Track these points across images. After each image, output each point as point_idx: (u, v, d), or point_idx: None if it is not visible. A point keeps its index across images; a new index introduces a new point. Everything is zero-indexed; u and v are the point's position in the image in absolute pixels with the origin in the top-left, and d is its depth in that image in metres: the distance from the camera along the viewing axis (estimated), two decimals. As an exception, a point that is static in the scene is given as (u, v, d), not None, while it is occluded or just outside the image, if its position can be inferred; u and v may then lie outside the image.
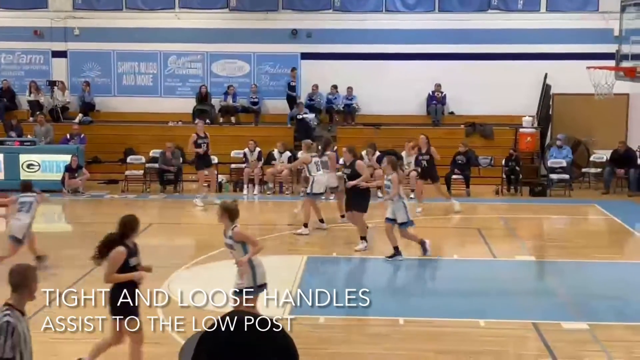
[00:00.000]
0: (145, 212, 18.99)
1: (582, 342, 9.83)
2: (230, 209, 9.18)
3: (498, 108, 22.26)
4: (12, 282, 5.98)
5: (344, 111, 22.97)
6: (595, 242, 15.47)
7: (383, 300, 11.55)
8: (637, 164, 20.61)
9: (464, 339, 9.81)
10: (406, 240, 13.72)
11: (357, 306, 8.99)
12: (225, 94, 23.28)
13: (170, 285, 11.86)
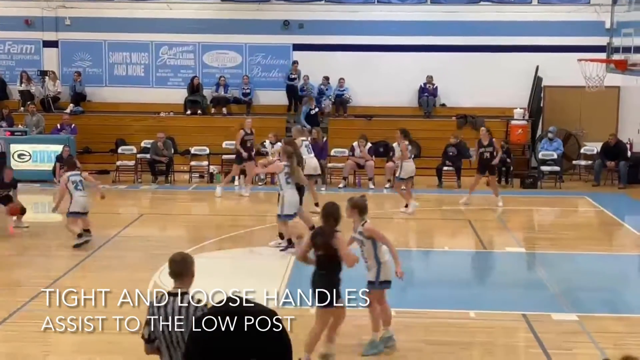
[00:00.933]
0: (137, 203, 19.00)
1: (571, 333, 9.90)
2: (359, 204, 9.15)
3: (489, 100, 22.30)
4: (175, 270, 6.00)
5: (335, 102, 22.97)
6: (585, 234, 15.55)
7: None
8: (627, 156, 20.70)
9: (455, 330, 9.86)
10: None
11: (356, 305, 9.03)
12: (217, 84, 23.25)
13: (161, 276, 11.87)
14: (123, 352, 8.89)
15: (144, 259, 13.02)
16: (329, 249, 8.28)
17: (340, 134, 21.98)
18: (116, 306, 10.67)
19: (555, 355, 8.98)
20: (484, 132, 18.22)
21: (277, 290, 11.26)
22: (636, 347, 9.47)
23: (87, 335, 9.48)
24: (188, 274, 6.00)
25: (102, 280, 11.87)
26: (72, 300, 10.89)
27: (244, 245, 14.28)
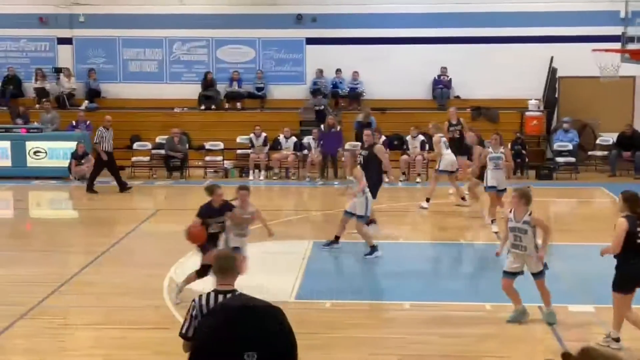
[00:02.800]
0: (152, 198, 19.07)
1: (588, 324, 9.86)
2: (526, 194, 9.55)
3: (504, 91, 22.20)
4: (222, 267, 5.99)
5: (349, 95, 22.94)
6: (601, 225, 15.44)
7: (388, 285, 11.59)
8: (643, 146, 20.58)
9: (470, 322, 9.84)
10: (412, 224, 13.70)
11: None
12: (230, 79, 23.28)
13: (177, 270, 11.92)
14: (137, 347, 8.94)
15: (160, 255, 13.08)
16: None
17: (354, 127, 21.94)
18: (131, 302, 10.75)
19: (572, 346, 8.94)
20: (452, 111, 18.27)
21: (292, 284, 11.30)
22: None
23: (103, 331, 9.56)
24: (234, 272, 5.97)
25: (118, 275, 11.93)
26: (88, 295, 10.98)
27: (259, 240, 14.29)
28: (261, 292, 10.57)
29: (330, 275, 11.49)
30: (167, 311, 10.01)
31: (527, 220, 9.47)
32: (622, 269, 8.78)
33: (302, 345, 8.64)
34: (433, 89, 22.97)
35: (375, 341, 9.05)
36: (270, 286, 11.21)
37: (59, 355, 8.96)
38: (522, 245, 9.52)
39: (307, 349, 8.86)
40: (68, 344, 9.30)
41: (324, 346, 9.06)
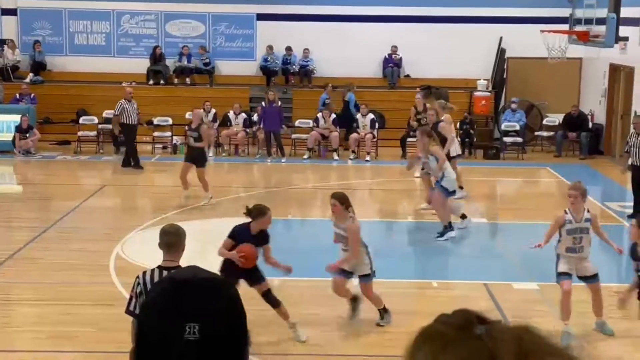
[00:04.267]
0: (99, 174, 18.80)
1: (531, 301, 10.04)
2: (585, 190, 9.04)
3: (454, 71, 22.33)
4: (168, 242, 5.82)
5: (299, 73, 22.86)
6: (546, 205, 15.69)
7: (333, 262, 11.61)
8: (589, 127, 20.92)
9: (416, 300, 9.95)
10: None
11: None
12: (179, 54, 22.99)
13: (123, 247, 11.79)
14: (82, 323, 8.83)
15: (106, 231, 12.92)
16: None
17: (304, 105, 21.90)
18: (76, 278, 10.61)
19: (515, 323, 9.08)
20: (418, 98, 18.38)
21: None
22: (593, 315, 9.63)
23: (47, 307, 9.42)
24: (180, 247, 5.90)
25: (64, 251, 11.76)
26: (32, 271, 10.80)
27: (208, 217, 14.22)
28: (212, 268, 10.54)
29: (280, 253, 11.44)
30: (112, 288, 9.91)
31: (588, 218, 8.91)
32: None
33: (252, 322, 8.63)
34: (384, 67, 23.01)
35: (326, 318, 9.08)
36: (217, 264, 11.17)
37: (3, 330, 8.82)
38: (579, 247, 8.87)
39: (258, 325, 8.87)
40: (12, 320, 9.16)
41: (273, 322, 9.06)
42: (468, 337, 1.22)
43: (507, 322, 1.30)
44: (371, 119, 20.42)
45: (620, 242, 13.83)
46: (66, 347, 8.21)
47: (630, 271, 9.00)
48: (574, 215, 8.86)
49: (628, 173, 14.77)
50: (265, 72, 22.85)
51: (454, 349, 1.20)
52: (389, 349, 8.45)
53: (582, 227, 8.84)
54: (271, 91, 20.71)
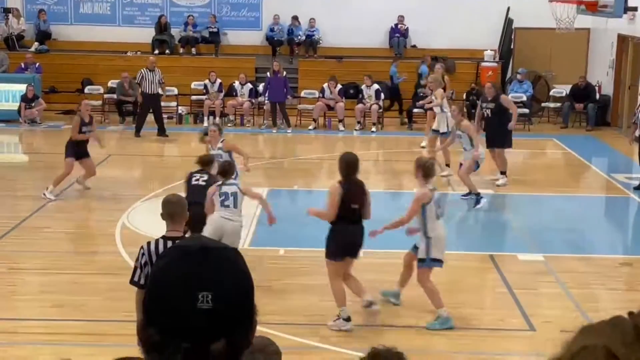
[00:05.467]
0: (105, 143, 18.75)
1: (537, 273, 10.04)
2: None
3: (460, 42, 22.16)
4: (170, 212, 5.82)
5: (305, 43, 22.72)
6: (552, 176, 15.67)
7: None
8: (596, 99, 20.80)
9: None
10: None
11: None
12: (185, 24, 22.86)
13: (129, 216, 11.81)
14: (88, 292, 8.87)
15: (111, 200, 12.92)
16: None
17: (310, 75, 21.81)
18: (81, 247, 10.64)
19: (520, 294, 9.11)
20: (439, 68, 18.36)
21: (247, 231, 11.28)
22: (598, 287, 9.64)
23: (53, 276, 9.46)
24: (183, 217, 5.88)
25: (69, 221, 11.78)
26: (38, 240, 10.83)
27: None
28: (215, 238, 10.55)
29: (285, 223, 11.45)
30: (117, 257, 9.93)
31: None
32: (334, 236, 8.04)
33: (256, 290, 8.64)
34: (390, 37, 22.85)
35: (326, 288, 9.10)
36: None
37: (9, 299, 8.86)
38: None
39: (262, 294, 8.90)
40: (18, 288, 9.20)
41: (277, 292, 9.10)
42: None
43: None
44: (376, 90, 20.32)
45: (626, 212, 13.83)
46: (72, 315, 8.25)
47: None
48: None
49: (635, 144, 14.71)
50: (271, 42, 22.73)
51: None
52: (392, 318, 8.48)
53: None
54: (276, 61, 20.60)
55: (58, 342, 7.62)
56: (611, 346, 1.17)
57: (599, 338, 1.20)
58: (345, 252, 8.09)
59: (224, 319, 1.46)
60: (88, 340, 7.66)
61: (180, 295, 1.45)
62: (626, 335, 1.18)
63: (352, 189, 8.04)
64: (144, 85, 18.52)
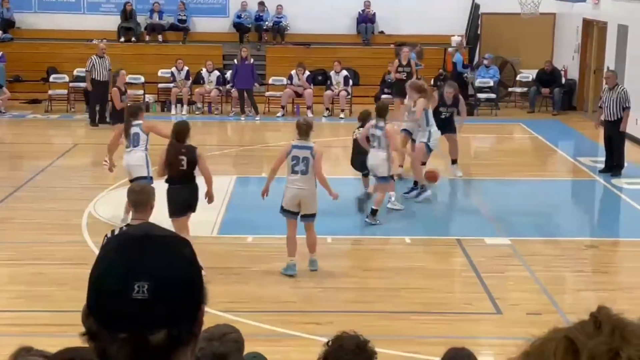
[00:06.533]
0: (71, 133, 18.61)
1: (504, 256, 10.13)
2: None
3: (428, 27, 22.20)
4: (135, 200, 5.81)
5: (273, 30, 22.63)
6: (519, 161, 15.80)
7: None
8: (562, 83, 20.96)
9: (391, 256, 10.00)
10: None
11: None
12: (151, 11, 22.65)
13: (95, 206, 11.72)
14: (54, 283, 8.80)
15: (77, 190, 12.82)
16: None
17: (278, 62, 21.73)
18: (47, 237, 10.54)
19: (488, 278, 9.19)
20: (406, 51, 18.33)
21: (215, 219, 11.26)
22: (565, 269, 9.75)
23: (19, 267, 9.37)
24: (147, 205, 5.86)
25: (35, 211, 11.66)
26: (3, 231, 10.71)
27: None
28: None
29: (253, 211, 11.45)
30: (84, 247, 9.85)
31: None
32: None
33: (223, 279, 8.61)
34: (357, 24, 22.83)
35: (299, 273, 9.11)
36: (191, 222, 11.14)
37: (-26, 291, 8.76)
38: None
39: (229, 282, 8.90)
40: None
41: (246, 279, 9.09)
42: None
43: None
44: (345, 76, 20.31)
45: (592, 195, 13.99)
46: (39, 306, 8.18)
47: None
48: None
49: (601, 128, 14.86)
50: (239, 28, 22.61)
51: None
52: (363, 304, 8.52)
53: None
54: (244, 48, 20.51)
55: (24, 334, 7.54)
56: (571, 335, 1.21)
57: (563, 331, 1.24)
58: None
59: (162, 309, 1.43)
60: (54, 331, 7.59)
61: (116, 285, 1.43)
62: (586, 326, 1.22)
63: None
64: (94, 72, 18.26)
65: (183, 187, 8.83)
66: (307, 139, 9.04)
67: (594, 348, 1.19)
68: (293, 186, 8.93)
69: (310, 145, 9.05)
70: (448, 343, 7.95)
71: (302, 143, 9.01)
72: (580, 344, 1.20)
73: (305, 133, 9.04)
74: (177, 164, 8.79)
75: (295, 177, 8.93)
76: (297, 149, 8.97)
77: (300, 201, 8.94)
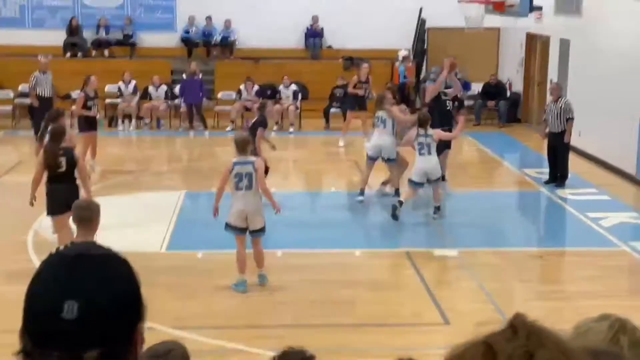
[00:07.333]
0: (15, 149, 18.31)
1: (452, 267, 10.25)
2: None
3: (375, 42, 22.41)
4: (81, 216, 5.66)
5: (221, 44, 22.63)
6: (466, 173, 16.00)
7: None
8: (507, 96, 21.32)
9: (340, 269, 10.03)
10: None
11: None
12: (97, 26, 22.46)
13: (42, 223, 11.55)
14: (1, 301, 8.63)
15: (23, 207, 12.59)
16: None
17: (227, 77, 21.70)
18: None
19: (436, 289, 9.28)
20: (365, 67, 18.53)
21: (163, 235, 11.19)
22: (512, 280, 9.89)
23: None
24: (93, 222, 5.77)
25: (-21, 230, 11.44)
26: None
27: (130, 191, 14.04)
28: (132, 243, 10.42)
29: (203, 226, 11.40)
30: (29, 265, 9.69)
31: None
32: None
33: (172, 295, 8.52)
34: (306, 38, 22.95)
35: (249, 288, 9.10)
36: (140, 237, 11.06)
37: None
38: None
39: (179, 298, 8.85)
40: None
41: (195, 295, 9.05)
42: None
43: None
44: (294, 91, 20.39)
45: (537, 206, 14.23)
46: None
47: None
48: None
49: (545, 140, 15.11)
50: (187, 43, 22.56)
51: None
52: (313, 318, 8.53)
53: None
54: (193, 62, 20.45)
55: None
56: (490, 341, 1.27)
57: (483, 337, 1.31)
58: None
59: (93, 329, 1.43)
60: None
61: (47, 304, 1.44)
62: (504, 332, 1.28)
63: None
64: (39, 89, 17.97)
65: (63, 186, 9.20)
66: (246, 154, 9.04)
67: (511, 351, 1.25)
68: (239, 202, 8.94)
69: (251, 160, 9.07)
70: (397, 355, 8.01)
71: (243, 159, 9.01)
72: (498, 348, 1.26)
73: (242, 149, 9.05)
74: (56, 166, 9.22)
75: (240, 193, 8.95)
76: (238, 165, 8.97)
77: (247, 216, 8.95)
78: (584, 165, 15.96)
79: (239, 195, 8.96)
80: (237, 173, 8.94)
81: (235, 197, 9.00)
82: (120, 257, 1.55)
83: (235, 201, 8.98)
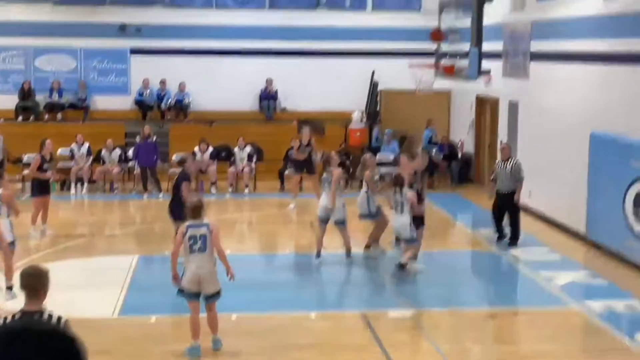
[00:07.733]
0: None
1: (408, 329, 10.24)
2: None
3: (329, 104, 22.72)
4: (30, 285, 5.36)
5: (175, 107, 22.71)
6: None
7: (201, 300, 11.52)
8: (458, 157, 21.64)
9: (295, 332, 9.96)
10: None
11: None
12: (50, 90, 22.40)
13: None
14: None
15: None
16: None
17: (181, 139, 21.72)
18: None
19: (392, 350, 9.25)
20: (306, 132, 18.69)
21: (116, 299, 11.03)
22: (467, 340, 9.91)
23: None
24: (41, 290, 5.56)
25: None
26: None
27: (83, 256, 13.87)
28: (83, 308, 10.26)
29: (156, 290, 11.29)
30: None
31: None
32: None
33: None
34: (260, 100, 23.15)
35: (203, 353, 8.99)
36: (92, 302, 10.90)
37: None
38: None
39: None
40: None
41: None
42: None
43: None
44: (248, 153, 20.48)
45: (490, 266, 14.34)
46: None
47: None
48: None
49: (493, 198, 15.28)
50: (141, 106, 22.60)
51: None
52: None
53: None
54: (146, 126, 20.46)
55: None
56: None
57: None
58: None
59: None
60: None
61: None
62: None
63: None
64: None
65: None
66: (200, 218, 8.98)
67: None
68: (192, 265, 8.87)
69: (206, 222, 9.03)
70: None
71: (197, 222, 8.97)
72: None
73: (197, 214, 8.97)
74: None
75: (193, 256, 8.87)
76: (192, 228, 8.92)
77: (200, 280, 8.87)
78: (535, 225, 16.20)
79: (192, 258, 8.89)
80: (191, 235, 8.89)
81: (188, 260, 8.93)
82: (66, 333, 1.55)
83: (189, 264, 8.92)
